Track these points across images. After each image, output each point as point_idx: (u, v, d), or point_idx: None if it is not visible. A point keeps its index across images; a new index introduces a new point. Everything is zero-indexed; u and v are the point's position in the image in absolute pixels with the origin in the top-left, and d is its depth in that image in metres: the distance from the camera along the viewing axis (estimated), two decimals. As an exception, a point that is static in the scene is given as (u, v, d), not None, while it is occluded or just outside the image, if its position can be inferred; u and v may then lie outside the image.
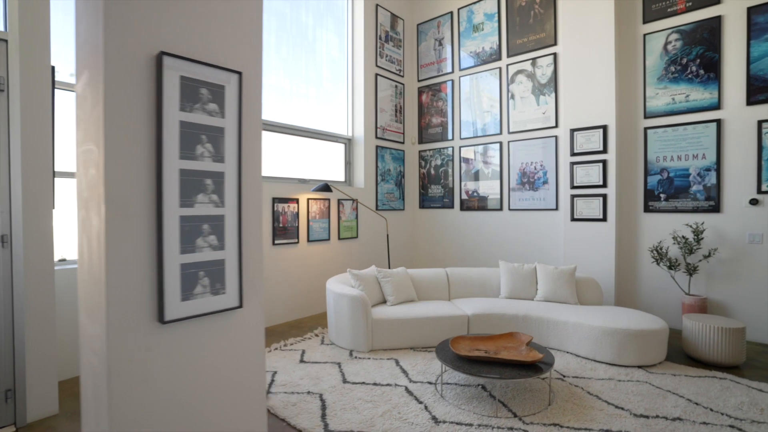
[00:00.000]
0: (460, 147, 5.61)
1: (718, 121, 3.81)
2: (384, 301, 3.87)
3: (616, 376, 2.93)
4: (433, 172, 5.90)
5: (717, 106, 3.82)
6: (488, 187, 5.33)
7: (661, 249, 3.98)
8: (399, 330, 3.51)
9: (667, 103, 4.09)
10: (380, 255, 5.49)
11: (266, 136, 4.51)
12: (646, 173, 4.21)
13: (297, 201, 4.54)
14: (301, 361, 3.29)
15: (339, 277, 3.97)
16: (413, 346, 3.54)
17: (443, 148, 5.78)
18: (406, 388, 2.76)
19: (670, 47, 4.07)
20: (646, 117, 4.21)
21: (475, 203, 5.45)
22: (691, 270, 3.81)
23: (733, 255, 3.77)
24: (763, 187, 3.62)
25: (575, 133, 4.44)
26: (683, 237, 3.87)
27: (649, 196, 4.20)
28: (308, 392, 2.72)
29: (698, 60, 3.92)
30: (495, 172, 5.26)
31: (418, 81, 6.06)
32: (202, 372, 1.49)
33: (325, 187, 4.47)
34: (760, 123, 3.62)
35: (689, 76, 3.97)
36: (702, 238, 3.80)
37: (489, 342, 2.86)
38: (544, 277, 3.89)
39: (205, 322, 1.50)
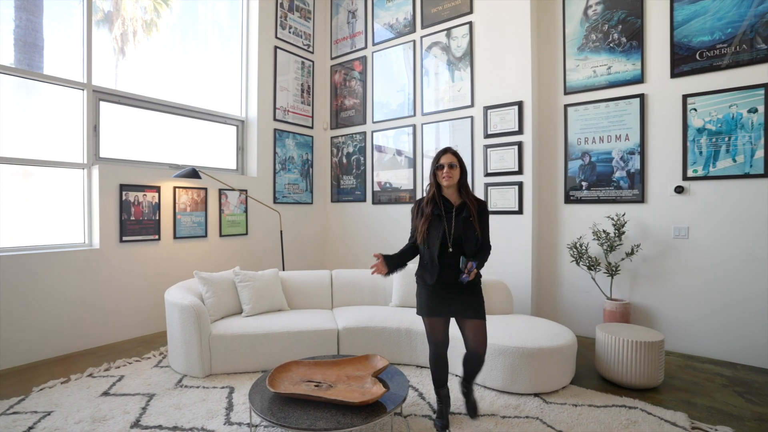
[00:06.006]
0: (372, 132, 4.90)
1: (642, 96, 3.26)
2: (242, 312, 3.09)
3: (502, 409, 2.26)
4: (345, 161, 5.17)
5: (640, 80, 3.27)
6: (401, 177, 4.65)
7: (581, 246, 3.39)
8: (248, 349, 2.74)
9: (588, 77, 3.52)
10: (278, 254, 4.70)
11: (119, 110, 3.65)
12: (567, 158, 3.63)
13: (158, 189, 3.70)
14: (105, 393, 2.46)
15: (188, 282, 3.15)
16: (267, 369, 2.77)
17: (356, 134, 5.06)
18: (212, 436, 1.99)
19: (590, 12, 3.51)
20: (566, 93, 3.63)
21: (388, 196, 4.75)
22: (612, 270, 3.23)
23: (658, 252, 3.22)
24: (689, 173, 3.08)
25: (489, 111, 3.81)
26: (604, 231, 3.28)
27: (571, 184, 3.62)
28: (65, 447, 1.91)
29: (620, 26, 3.37)
30: (408, 159, 4.59)
31: (332, 59, 5.34)
32: None
33: (192, 172, 3.65)
34: (684, 98, 3.08)
35: (611, 44, 3.42)
36: (624, 233, 3.22)
37: (332, 369, 2.12)
38: (443, 280, 3.20)
39: None
